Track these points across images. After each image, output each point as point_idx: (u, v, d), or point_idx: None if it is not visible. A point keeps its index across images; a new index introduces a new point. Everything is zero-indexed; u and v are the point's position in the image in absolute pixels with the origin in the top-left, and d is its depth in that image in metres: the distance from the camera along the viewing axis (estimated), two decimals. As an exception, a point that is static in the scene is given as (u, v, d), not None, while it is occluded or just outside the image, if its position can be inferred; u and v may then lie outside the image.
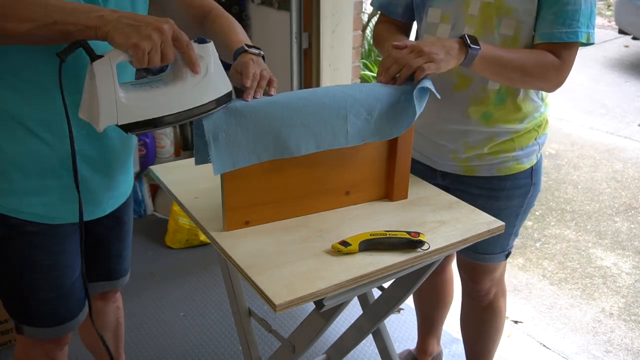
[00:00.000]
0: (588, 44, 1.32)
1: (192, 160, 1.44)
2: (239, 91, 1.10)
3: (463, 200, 1.33)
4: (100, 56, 0.90)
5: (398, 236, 1.12)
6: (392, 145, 1.29)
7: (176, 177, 1.39)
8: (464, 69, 1.32)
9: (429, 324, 1.99)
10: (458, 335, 2.02)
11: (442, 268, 1.84)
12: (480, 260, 1.58)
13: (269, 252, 1.10)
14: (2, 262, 1.24)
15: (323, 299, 1.04)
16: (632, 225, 3.21)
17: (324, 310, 1.10)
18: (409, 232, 1.13)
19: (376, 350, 1.75)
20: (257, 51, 1.17)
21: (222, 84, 1.04)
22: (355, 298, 1.51)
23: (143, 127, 0.98)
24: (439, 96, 1.23)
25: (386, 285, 1.40)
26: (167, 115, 0.99)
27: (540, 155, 1.52)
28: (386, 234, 1.12)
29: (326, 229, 1.19)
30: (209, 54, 1.02)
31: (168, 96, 0.99)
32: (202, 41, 1.01)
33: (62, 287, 1.28)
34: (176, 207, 2.72)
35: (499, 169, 1.46)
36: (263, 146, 1.12)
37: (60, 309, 1.30)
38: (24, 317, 1.29)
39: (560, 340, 2.32)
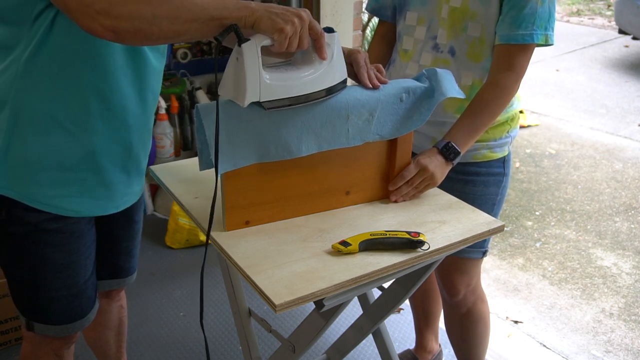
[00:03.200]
0: (546, 45, 1.41)
1: (192, 160, 1.45)
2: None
3: (443, 184, 1.38)
4: (247, 39, 1.00)
5: (398, 236, 1.12)
6: (392, 145, 1.29)
7: (176, 177, 1.39)
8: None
9: (425, 318, 2.00)
10: (458, 335, 2.02)
11: None
12: (457, 254, 1.58)
13: (269, 252, 1.10)
14: (17, 260, 1.25)
15: (323, 299, 1.04)
16: (632, 225, 3.21)
17: (324, 310, 1.10)
18: (409, 232, 1.12)
19: (376, 350, 1.75)
20: None
21: (342, 70, 1.15)
22: (355, 298, 1.51)
23: (280, 105, 1.08)
24: (463, 96, 1.32)
25: (386, 285, 1.40)
26: (301, 95, 1.09)
27: (510, 149, 1.61)
28: (386, 234, 1.12)
29: (326, 229, 1.19)
30: (334, 42, 1.11)
31: (302, 78, 1.09)
32: (329, 30, 1.11)
33: (75, 285, 1.29)
34: (176, 207, 2.72)
35: (473, 156, 1.54)
36: (264, 147, 1.12)
37: (72, 307, 1.31)
38: (35, 315, 1.30)
39: (560, 340, 2.32)
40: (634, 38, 6.34)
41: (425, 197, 1.35)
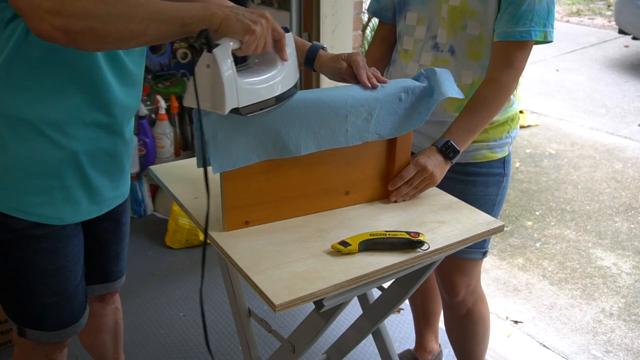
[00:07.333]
0: (546, 42, 1.40)
1: (192, 160, 1.45)
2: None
3: (443, 185, 1.38)
4: (217, 44, 0.95)
5: (398, 236, 1.12)
6: (392, 145, 1.29)
7: (176, 177, 1.39)
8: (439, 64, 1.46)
9: (425, 318, 2.00)
10: (458, 335, 2.02)
11: None
12: (457, 254, 1.58)
13: (268, 252, 1.10)
14: (6, 266, 1.24)
15: (323, 299, 1.04)
16: (632, 225, 3.21)
17: (324, 310, 1.10)
18: (408, 232, 1.12)
19: (376, 350, 1.75)
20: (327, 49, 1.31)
21: (296, 70, 1.13)
22: (355, 298, 1.51)
23: (256, 109, 1.04)
24: (462, 96, 1.32)
25: (386, 285, 1.40)
26: (273, 97, 1.06)
27: (510, 150, 1.61)
28: (386, 234, 1.12)
29: (326, 229, 1.19)
30: (291, 43, 1.09)
31: (272, 80, 1.06)
32: (285, 30, 1.08)
33: (65, 291, 1.28)
34: (176, 207, 2.72)
35: (473, 156, 1.54)
36: (262, 146, 1.12)
37: (63, 312, 1.30)
38: (28, 321, 1.29)
39: (560, 340, 2.32)
40: (634, 38, 6.33)
41: (425, 197, 1.35)
